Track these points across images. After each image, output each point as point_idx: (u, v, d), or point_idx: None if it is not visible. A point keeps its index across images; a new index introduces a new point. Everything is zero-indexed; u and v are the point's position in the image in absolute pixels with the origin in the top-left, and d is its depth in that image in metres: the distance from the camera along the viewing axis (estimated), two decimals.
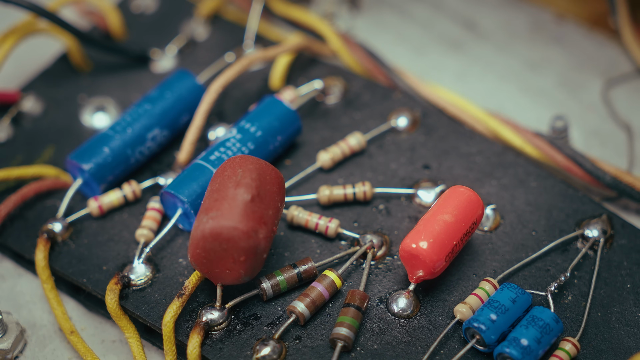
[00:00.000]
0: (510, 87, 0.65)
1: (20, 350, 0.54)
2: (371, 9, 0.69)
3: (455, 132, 0.59)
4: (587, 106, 0.64)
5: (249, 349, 0.51)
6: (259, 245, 0.50)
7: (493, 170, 0.58)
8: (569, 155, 0.58)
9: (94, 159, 0.57)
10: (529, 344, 0.49)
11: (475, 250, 0.54)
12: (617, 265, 0.54)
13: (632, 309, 0.52)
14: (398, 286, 0.53)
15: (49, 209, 0.57)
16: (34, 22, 0.62)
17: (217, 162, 0.55)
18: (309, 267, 0.53)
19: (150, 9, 0.68)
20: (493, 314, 0.50)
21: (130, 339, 0.53)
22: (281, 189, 0.52)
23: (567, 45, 0.67)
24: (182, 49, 0.65)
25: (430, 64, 0.66)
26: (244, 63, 0.60)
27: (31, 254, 0.56)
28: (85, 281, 0.54)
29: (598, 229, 0.55)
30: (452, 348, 0.51)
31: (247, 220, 0.49)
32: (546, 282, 0.53)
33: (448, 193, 0.53)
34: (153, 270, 0.54)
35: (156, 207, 0.56)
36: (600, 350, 0.51)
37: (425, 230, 0.51)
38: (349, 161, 0.58)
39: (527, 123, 0.62)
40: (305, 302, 0.51)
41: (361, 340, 0.51)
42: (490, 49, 0.67)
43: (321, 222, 0.55)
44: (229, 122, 0.60)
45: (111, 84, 0.63)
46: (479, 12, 0.69)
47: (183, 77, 0.60)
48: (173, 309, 0.51)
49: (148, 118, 0.58)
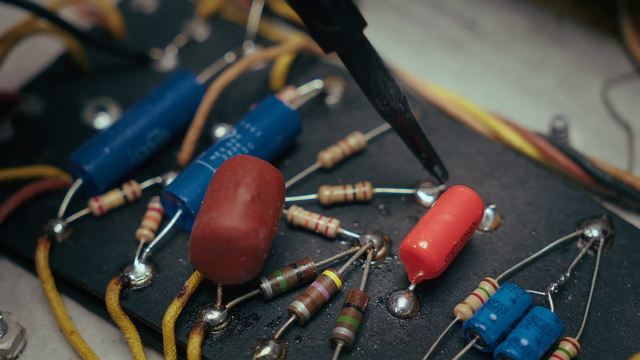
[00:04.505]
0: (511, 87, 0.65)
1: (20, 350, 0.54)
2: (371, 9, 0.69)
3: (455, 132, 0.59)
4: (587, 106, 0.64)
5: (249, 349, 0.51)
6: (259, 245, 0.50)
7: (493, 170, 0.58)
8: (569, 155, 0.58)
9: (94, 159, 0.57)
10: (529, 344, 0.49)
11: (475, 250, 0.54)
12: (617, 265, 0.54)
13: (632, 309, 0.52)
14: (398, 286, 0.53)
15: (49, 209, 0.57)
16: (33, 22, 0.62)
17: (217, 162, 0.55)
18: (309, 267, 0.53)
19: (150, 8, 0.68)
20: (493, 314, 0.50)
21: (130, 339, 0.53)
22: (281, 189, 0.52)
23: (567, 45, 0.67)
24: (183, 48, 0.65)
25: (430, 63, 0.66)
26: (244, 63, 0.60)
27: (31, 254, 0.56)
28: (86, 281, 0.54)
29: (598, 229, 0.55)
30: (452, 348, 0.51)
31: (247, 221, 0.49)
32: (546, 282, 0.53)
33: (448, 193, 0.53)
34: (153, 271, 0.54)
35: (156, 207, 0.56)
36: (600, 350, 0.51)
37: (425, 230, 0.51)
38: (349, 161, 0.58)
39: (527, 123, 0.62)
40: (305, 302, 0.52)
41: (361, 340, 0.51)
42: (490, 49, 0.67)
43: (321, 222, 0.55)
44: (229, 122, 0.60)
45: (111, 84, 0.63)
46: (479, 12, 0.69)
47: (183, 77, 0.60)
48: (173, 309, 0.51)
49: (148, 118, 0.58)
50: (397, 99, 0.52)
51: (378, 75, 0.52)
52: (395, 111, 0.52)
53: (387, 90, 0.52)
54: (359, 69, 0.51)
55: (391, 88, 0.52)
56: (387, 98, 0.52)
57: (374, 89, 0.52)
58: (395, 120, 0.53)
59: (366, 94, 0.53)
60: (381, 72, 0.52)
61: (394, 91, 0.52)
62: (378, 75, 0.52)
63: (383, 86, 0.52)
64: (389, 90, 0.52)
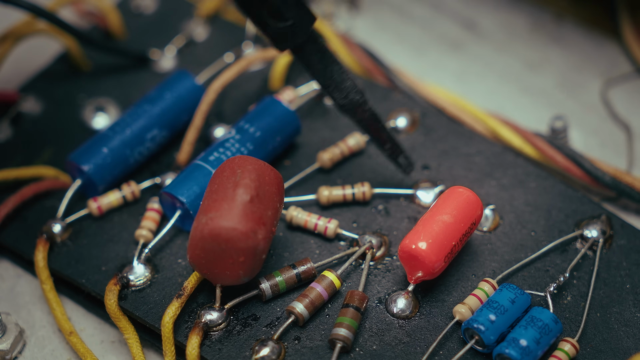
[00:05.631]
0: (510, 87, 0.65)
1: (19, 351, 0.54)
2: (370, 9, 0.69)
3: (454, 132, 0.59)
4: (587, 106, 0.64)
5: (248, 349, 0.51)
6: (258, 245, 0.50)
7: (492, 170, 0.58)
8: (568, 156, 0.58)
9: (93, 159, 0.57)
10: (528, 344, 0.49)
11: (474, 251, 0.54)
12: (616, 265, 0.54)
13: (631, 309, 0.52)
14: (397, 287, 0.53)
15: (48, 209, 0.57)
16: (33, 22, 0.62)
17: (216, 163, 0.55)
18: (308, 267, 0.53)
19: (149, 9, 0.68)
20: (492, 315, 0.50)
21: (129, 339, 0.53)
22: (280, 190, 0.52)
23: (566, 45, 0.67)
24: (182, 49, 0.65)
25: (429, 64, 0.66)
26: (244, 63, 0.60)
27: (30, 254, 0.56)
28: (85, 282, 0.54)
29: (597, 229, 0.55)
30: (451, 349, 0.51)
31: (246, 221, 0.49)
32: (545, 283, 0.53)
33: (447, 193, 0.53)
34: (152, 271, 0.54)
35: (155, 207, 0.56)
36: (599, 350, 0.51)
37: (424, 230, 0.51)
38: (348, 161, 0.58)
39: (527, 123, 0.62)
40: (304, 303, 0.51)
41: (360, 340, 0.51)
42: (489, 49, 0.67)
43: (320, 223, 0.55)
44: (228, 123, 0.60)
45: (110, 85, 0.63)
46: (479, 12, 0.69)
47: (182, 77, 0.60)
48: (172, 309, 0.51)
49: (147, 118, 0.58)
50: (354, 91, 0.53)
51: (334, 69, 0.53)
52: (355, 103, 0.53)
53: (344, 83, 0.53)
54: (314, 63, 0.53)
55: (348, 80, 0.53)
56: (345, 90, 0.53)
57: (331, 82, 0.53)
58: (356, 113, 0.54)
59: (324, 89, 0.53)
60: (336, 65, 0.53)
61: (351, 83, 0.53)
62: (334, 69, 0.53)
63: (340, 79, 0.53)
64: (346, 82, 0.53)
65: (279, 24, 0.50)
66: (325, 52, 0.53)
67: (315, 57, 0.52)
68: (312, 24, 0.52)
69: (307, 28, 0.51)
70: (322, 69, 0.53)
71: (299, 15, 0.51)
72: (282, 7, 0.50)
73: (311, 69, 0.53)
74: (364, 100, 0.53)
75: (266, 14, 0.50)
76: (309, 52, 0.52)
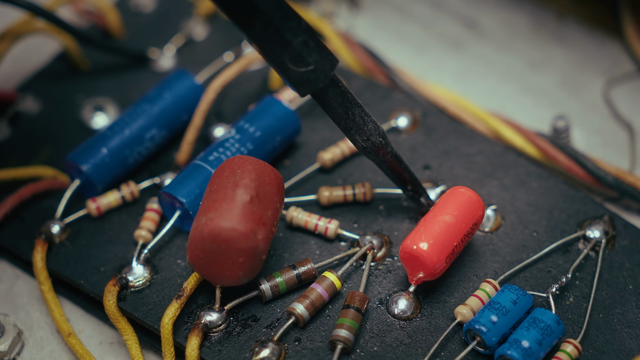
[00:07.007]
0: (511, 86, 0.65)
1: (17, 353, 0.54)
2: (371, 8, 0.69)
3: (455, 132, 0.59)
4: (589, 106, 0.64)
5: (248, 350, 0.51)
6: (257, 246, 0.50)
7: (494, 170, 0.57)
8: (570, 155, 0.58)
9: (92, 159, 0.56)
10: (530, 345, 0.49)
11: (475, 252, 0.54)
12: (618, 266, 0.54)
13: (634, 310, 0.52)
14: (398, 287, 0.53)
15: (46, 210, 0.57)
16: (31, 21, 0.62)
17: (215, 163, 0.55)
18: (309, 268, 0.53)
19: (148, 8, 0.68)
20: (494, 316, 0.50)
21: (128, 340, 0.53)
22: (280, 190, 0.52)
23: (568, 44, 0.67)
24: (181, 48, 0.65)
25: (430, 63, 0.66)
26: (243, 62, 0.60)
27: (29, 255, 0.55)
28: (83, 282, 0.54)
29: (600, 229, 0.55)
30: (453, 350, 0.51)
31: (245, 221, 0.49)
32: (547, 284, 0.53)
33: (448, 194, 0.53)
34: (151, 272, 0.54)
35: (154, 207, 0.56)
36: (602, 352, 0.51)
37: (425, 231, 0.51)
38: (348, 162, 0.58)
39: (528, 123, 0.62)
40: (305, 304, 0.51)
41: (361, 342, 0.51)
42: (491, 48, 0.67)
43: (321, 223, 0.55)
44: (228, 122, 0.60)
45: (109, 84, 0.63)
46: (480, 11, 0.69)
47: (182, 76, 0.59)
48: (171, 310, 0.51)
49: (146, 118, 0.58)
50: (376, 133, 0.52)
51: (355, 112, 0.52)
52: (377, 145, 0.53)
53: (365, 126, 0.52)
54: (336, 107, 0.52)
55: (369, 123, 0.52)
56: (367, 133, 0.52)
57: (353, 125, 0.52)
58: (378, 154, 0.53)
59: (345, 132, 0.53)
60: (358, 107, 0.52)
61: (373, 125, 0.52)
62: (355, 112, 0.52)
63: (362, 122, 0.52)
64: (368, 125, 0.52)
65: (300, 68, 0.49)
66: (347, 95, 0.52)
67: (337, 101, 0.51)
68: (333, 68, 0.50)
69: (328, 72, 0.50)
70: (344, 113, 0.52)
71: (320, 60, 0.50)
72: (304, 52, 0.49)
73: (332, 113, 0.52)
74: (386, 142, 0.53)
75: (287, 59, 0.49)
76: (330, 96, 0.51)
